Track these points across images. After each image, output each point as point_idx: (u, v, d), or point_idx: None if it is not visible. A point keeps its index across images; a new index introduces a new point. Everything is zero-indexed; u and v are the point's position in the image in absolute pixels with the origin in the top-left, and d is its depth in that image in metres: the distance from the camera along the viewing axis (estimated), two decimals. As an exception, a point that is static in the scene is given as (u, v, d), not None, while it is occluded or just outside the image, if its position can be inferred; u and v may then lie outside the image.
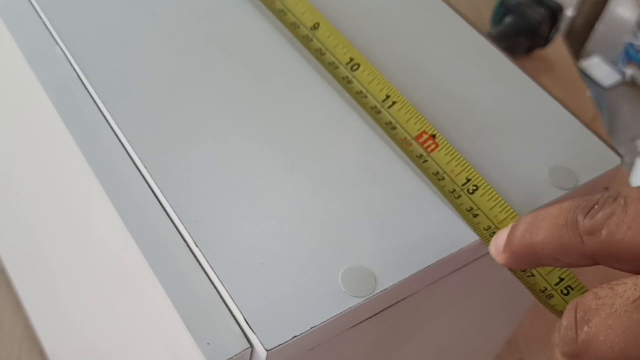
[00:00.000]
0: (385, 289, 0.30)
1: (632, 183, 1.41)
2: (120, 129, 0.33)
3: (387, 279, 0.30)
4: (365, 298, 0.29)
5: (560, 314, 0.31)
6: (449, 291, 0.36)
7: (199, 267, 0.30)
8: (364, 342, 0.33)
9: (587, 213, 0.25)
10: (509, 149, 0.37)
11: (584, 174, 0.36)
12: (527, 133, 0.38)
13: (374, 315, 0.31)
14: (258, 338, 0.28)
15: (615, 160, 0.36)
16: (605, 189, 0.37)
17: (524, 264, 0.29)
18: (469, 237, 0.33)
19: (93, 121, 0.34)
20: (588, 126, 0.39)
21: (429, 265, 0.31)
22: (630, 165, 1.78)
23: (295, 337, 0.28)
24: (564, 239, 0.26)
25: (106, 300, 0.39)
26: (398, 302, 0.32)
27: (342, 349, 0.32)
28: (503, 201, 0.33)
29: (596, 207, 0.25)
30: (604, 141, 0.38)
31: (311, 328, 0.28)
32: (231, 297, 0.29)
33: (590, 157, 0.37)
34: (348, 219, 0.32)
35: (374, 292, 0.30)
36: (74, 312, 0.47)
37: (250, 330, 0.28)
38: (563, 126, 0.38)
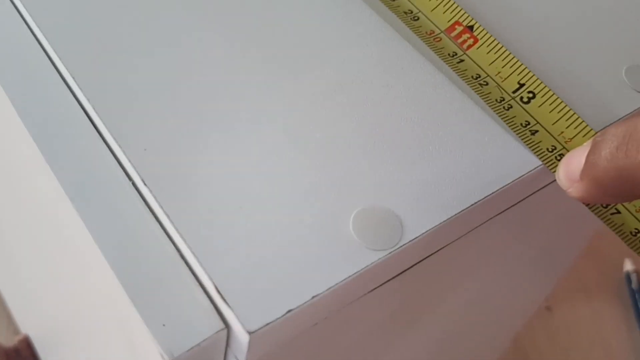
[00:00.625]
0: (415, 238, 0.21)
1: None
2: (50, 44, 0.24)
3: (418, 225, 0.21)
4: (388, 252, 0.21)
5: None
6: (491, 238, 0.27)
7: (149, 214, 0.21)
8: (383, 311, 0.25)
9: None
10: (573, 46, 0.27)
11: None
12: (596, 25, 0.28)
13: (399, 274, 0.23)
14: (237, 316, 0.19)
15: None
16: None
17: (611, 197, 0.20)
18: (528, 162, 0.24)
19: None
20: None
21: (471, 206, 0.22)
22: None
23: (290, 311, 0.19)
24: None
25: (53, 262, 0.31)
26: (429, 255, 0.23)
27: (354, 322, 0.24)
28: (571, 112, 0.24)
29: None
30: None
31: (312, 297, 0.19)
32: (197, 259, 0.20)
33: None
34: (360, 143, 0.23)
35: (400, 243, 0.21)
36: (33, 278, 0.39)
37: (226, 305, 0.19)
38: None
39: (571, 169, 0.21)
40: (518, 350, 0.65)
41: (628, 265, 0.72)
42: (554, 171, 0.23)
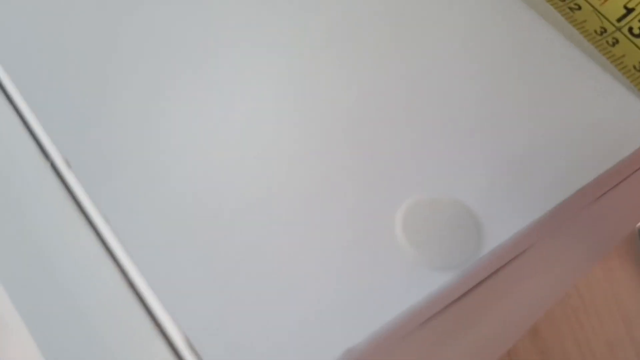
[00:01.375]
0: (495, 248, 0.14)
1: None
2: None
3: (501, 227, 0.14)
4: (461, 269, 0.13)
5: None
6: (583, 228, 0.20)
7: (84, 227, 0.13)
8: (434, 337, 0.18)
9: None
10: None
11: None
12: None
13: (465, 295, 0.15)
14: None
15: None
16: None
17: None
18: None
19: None
20: None
21: (576, 192, 0.15)
22: None
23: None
24: None
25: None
26: (512, 260, 0.16)
27: None
28: None
29: None
30: None
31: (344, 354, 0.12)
32: (159, 300, 0.12)
33: None
34: (407, 107, 0.15)
35: (478, 254, 0.13)
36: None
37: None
38: None
39: None
40: (526, 316, 0.59)
41: (642, 220, 0.66)
42: None
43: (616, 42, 0.17)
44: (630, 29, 0.17)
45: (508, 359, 0.57)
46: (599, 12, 0.17)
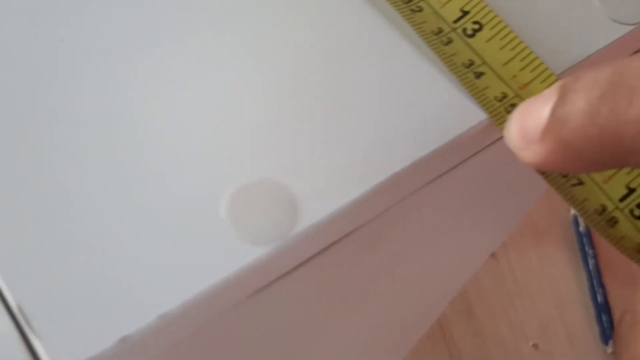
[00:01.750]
0: (315, 224, 0.15)
1: None
2: None
3: (319, 207, 0.15)
4: (276, 244, 0.15)
5: (631, 251, 0.17)
6: (430, 205, 0.21)
7: None
8: (289, 307, 0.19)
9: None
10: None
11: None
12: None
13: (306, 261, 0.17)
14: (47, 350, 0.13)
15: None
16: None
17: (583, 165, 0.15)
18: (470, 115, 0.18)
19: None
20: None
21: (392, 175, 0.16)
22: None
23: (124, 339, 0.13)
24: None
25: None
26: (347, 235, 0.17)
27: (242, 326, 0.18)
28: (527, 50, 0.18)
29: None
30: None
31: (160, 317, 0.14)
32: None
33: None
34: (238, 94, 0.17)
35: (292, 233, 0.15)
36: None
37: (34, 335, 0.13)
38: None
39: (528, 124, 0.15)
40: (462, 300, 0.61)
41: (577, 207, 0.68)
42: (502, 126, 0.17)
43: (450, 41, 0.18)
44: (465, 30, 0.18)
45: (443, 342, 0.59)
46: (438, 13, 0.19)
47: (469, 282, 0.62)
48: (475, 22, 0.19)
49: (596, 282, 0.64)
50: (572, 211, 0.69)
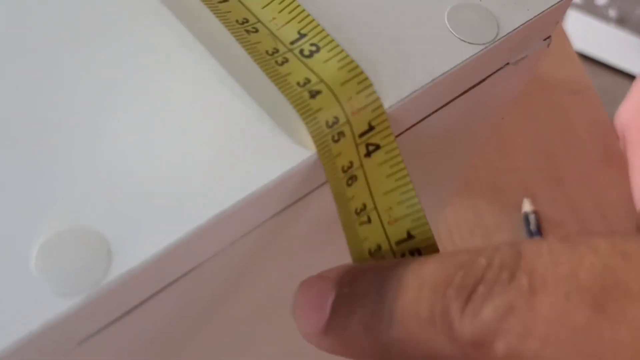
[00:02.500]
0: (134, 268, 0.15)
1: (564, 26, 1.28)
2: None
3: (131, 255, 0.15)
4: (86, 294, 0.14)
5: None
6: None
7: None
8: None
9: (467, 298, 0.13)
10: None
11: (508, 14, 0.21)
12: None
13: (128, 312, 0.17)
14: None
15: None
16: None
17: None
18: (295, 151, 0.17)
19: None
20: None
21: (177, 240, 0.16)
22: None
23: None
24: (433, 346, 0.13)
25: None
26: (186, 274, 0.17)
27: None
28: (361, 72, 0.18)
29: (480, 287, 0.13)
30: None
31: None
32: None
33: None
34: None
35: (104, 279, 0.15)
36: None
37: None
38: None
39: (308, 315, 0.16)
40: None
41: (527, 206, 0.68)
42: (323, 156, 0.17)
43: (285, 61, 0.18)
44: (302, 51, 0.18)
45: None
46: (275, 35, 0.19)
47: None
48: (313, 44, 0.19)
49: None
50: (523, 210, 0.69)
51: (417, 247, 0.17)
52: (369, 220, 0.18)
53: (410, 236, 0.18)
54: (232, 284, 0.20)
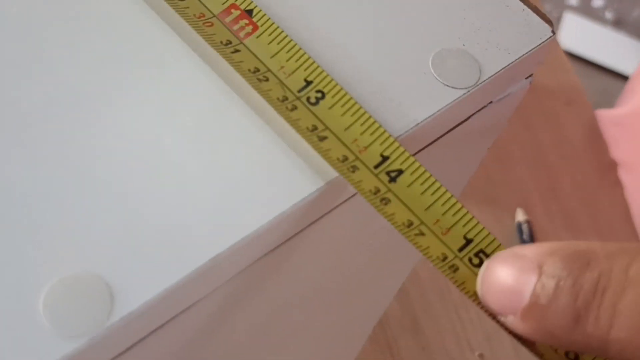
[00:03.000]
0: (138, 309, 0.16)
1: (560, 42, 1.30)
2: None
3: (132, 297, 0.16)
4: (89, 336, 0.16)
5: (474, 297, 0.18)
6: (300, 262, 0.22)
7: None
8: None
9: None
10: (371, 32, 0.22)
11: (490, 58, 0.22)
12: (398, 9, 0.23)
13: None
14: None
15: (543, 31, 0.22)
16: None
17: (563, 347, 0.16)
18: (308, 183, 0.19)
19: None
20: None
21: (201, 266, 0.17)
22: (558, 20, 1.65)
23: None
24: None
25: None
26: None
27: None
28: (366, 115, 0.19)
29: None
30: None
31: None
32: None
33: (502, 27, 0.22)
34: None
35: (107, 322, 0.16)
36: None
37: None
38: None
39: (502, 297, 0.15)
40: (409, 316, 0.63)
41: (520, 216, 0.70)
42: (350, 182, 0.19)
43: (295, 108, 0.19)
44: (308, 99, 0.20)
45: (390, 357, 0.60)
46: (283, 84, 0.20)
47: (415, 297, 0.63)
48: (318, 91, 0.20)
49: (541, 289, 0.65)
50: (516, 219, 0.70)
51: (479, 249, 0.18)
52: (422, 233, 0.18)
53: (468, 240, 0.18)
54: (232, 313, 0.21)
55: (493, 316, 0.16)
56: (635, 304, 0.13)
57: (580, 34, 1.52)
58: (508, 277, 0.15)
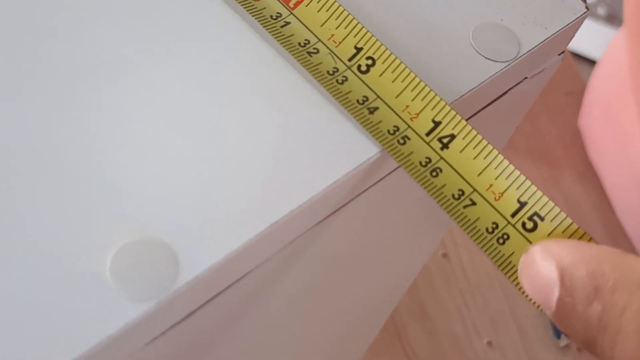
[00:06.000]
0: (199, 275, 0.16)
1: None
2: None
3: (197, 261, 0.17)
4: (157, 300, 0.16)
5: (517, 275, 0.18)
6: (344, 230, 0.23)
7: None
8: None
9: None
10: (416, 3, 0.22)
11: (528, 32, 0.22)
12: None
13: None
14: None
15: (577, 7, 0.23)
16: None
17: None
18: (362, 150, 0.19)
19: None
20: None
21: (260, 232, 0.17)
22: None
23: None
24: None
25: None
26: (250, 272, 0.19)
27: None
28: (417, 80, 0.19)
29: None
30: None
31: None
32: None
33: (538, 3, 0.23)
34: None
35: (174, 286, 0.16)
36: None
37: None
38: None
39: (537, 291, 0.16)
40: (416, 301, 0.63)
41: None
42: (397, 157, 0.19)
43: (345, 79, 0.19)
44: (359, 67, 0.20)
45: (399, 344, 0.61)
46: (334, 53, 0.20)
47: (421, 283, 0.63)
48: (369, 58, 0.20)
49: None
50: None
51: (534, 211, 0.18)
52: (474, 203, 0.18)
53: (522, 204, 0.18)
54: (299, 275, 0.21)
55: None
56: (630, 350, 0.14)
57: (572, 28, 1.52)
58: (536, 286, 0.16)
